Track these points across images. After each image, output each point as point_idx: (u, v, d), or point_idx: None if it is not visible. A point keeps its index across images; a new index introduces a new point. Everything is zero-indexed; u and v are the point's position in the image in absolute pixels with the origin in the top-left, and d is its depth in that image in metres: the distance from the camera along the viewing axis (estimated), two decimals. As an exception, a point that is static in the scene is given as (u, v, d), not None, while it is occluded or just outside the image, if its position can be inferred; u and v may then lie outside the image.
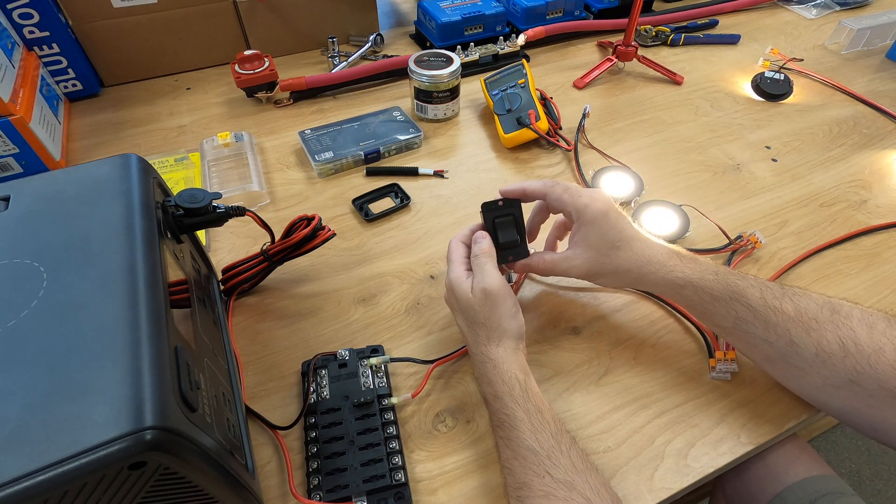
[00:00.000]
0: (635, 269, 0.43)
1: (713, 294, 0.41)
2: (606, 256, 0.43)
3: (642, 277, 0.43)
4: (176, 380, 0.26)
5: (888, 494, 1.11)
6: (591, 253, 0.43)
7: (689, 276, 0.42)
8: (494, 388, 0.39)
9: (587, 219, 0.43)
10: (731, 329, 0.41)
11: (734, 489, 0.54)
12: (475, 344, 0.42)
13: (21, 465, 0.21)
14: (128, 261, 0.29)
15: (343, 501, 0.37)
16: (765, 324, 0.39)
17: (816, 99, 0.79)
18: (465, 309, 0.42)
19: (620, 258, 0.43)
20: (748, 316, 0.40)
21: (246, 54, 0.72)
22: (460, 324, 0.44)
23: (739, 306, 0.40)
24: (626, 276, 0.43)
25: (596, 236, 0.43)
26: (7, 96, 0.58)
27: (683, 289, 0.42)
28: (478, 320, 0.41)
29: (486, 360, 0.41)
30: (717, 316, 0.41)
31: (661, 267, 0.42)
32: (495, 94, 0.72)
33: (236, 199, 0.60)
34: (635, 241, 0.43)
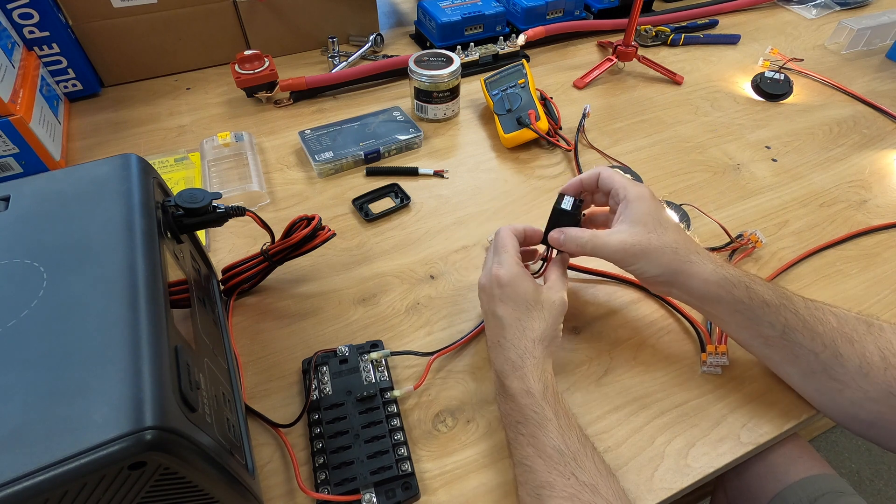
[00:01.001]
0: (683, 253, 0.40)
1: (765, 299, 0.39)
2: (654, 232, 0.41)
3: (689, 266, 0.40)
4: (176, 380, 0.26)
5: (888, 494, 1.11)
6: (637, 227, 0.41)
7: (741, 277, 0.40)
8: (527, 384, 0.38)
9: (634, 195, 0.42)
10: (777, 339, 0.39)
11: (735, 488, 0.54)
12: (520, 337, 0.40)
13: (21, 465, 0.21)
14: (128, 261, 0.29)
15: (351, 494, 0.38)
16: (812, 333, 0.38)
17: (816, 99, 0.79)
18: (525, 304, 0.41)
19: (668, 236, 0.41)
20: (797, 324, 0.38)
21: (246, 54, 0.72)
22: (501, 314, 0.42)
23: (789, 314, 0.39)
24: (673, 257, 0.40)
25: (643, 210, 0.42)
26: (7, 96, 0.58)
27: (735, 288, 0.39)
28: (539, 318, 0.41)
29: (528, 354, 0.40)
30: (765, 324, 0.39)
31: (711, 261, 0.40)
32: (495, 94, 0.72)
33: (236, 199, 0.60)
34: (680, 230, 0.42)
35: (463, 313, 0.51)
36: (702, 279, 0.40)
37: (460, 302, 0.52)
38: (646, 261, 0.41)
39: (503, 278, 0.42)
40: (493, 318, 0.42)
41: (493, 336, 0.42)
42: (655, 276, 0.41)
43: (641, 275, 0.42)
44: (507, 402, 0.40)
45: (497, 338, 0.42)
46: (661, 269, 0.41)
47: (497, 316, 0.42)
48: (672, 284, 0.42)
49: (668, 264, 0.41)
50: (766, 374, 0.46)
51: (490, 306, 0.43)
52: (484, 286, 0.44)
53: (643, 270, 0.42)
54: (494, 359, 0.42)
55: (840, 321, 0.38)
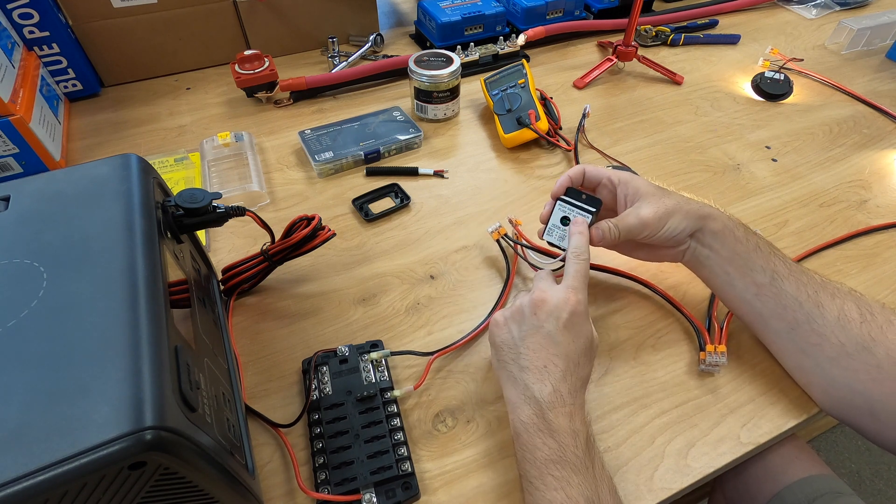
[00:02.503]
0: (693, 203, 0.44)
1: (758, 244, 0.43)
2: (665, 197, 0.44)
3: (701, 210, 0.44)
4: (176, 380, 0.26)
5: (888, 494, 1.11)
6: (650, 198, 0.44)
7: (739, 221, 0.44)
8: (574, 425, 0.36)
9: (626, 177, 0.46)
10: (767, 287, 0.42)
11: (734, 489, 0.54)
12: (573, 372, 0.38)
13: (21, 465, 0.21)
14: (128, 261, 0.29)
15: (351, 493, 0.38)
16: (797, 283, 0.41)
17: (816, 99, 0.79)
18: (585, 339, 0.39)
19: (675, 197, 0.44)
20: (784, 271, 0.42)
21: (246, 54, 0.72)
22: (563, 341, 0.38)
23: (778, 261, 0.42)
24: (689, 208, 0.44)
25: (643, 185, 0.45)
26: (7, 96, 0.58)
27: (737, 228, 0.43)
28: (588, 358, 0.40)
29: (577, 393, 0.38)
30: (757, 269, 0.42)
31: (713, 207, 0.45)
32: (495, 94, 0.72)
33: (236, 199, 0.60)
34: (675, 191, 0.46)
35: (463, 313, 0.51)
36: (713, 219, 0.44)
37: (460, 302, 0.52)
38: (673, 219, 0.44)
39: (578, 307, 0.39)
40: (550, 340, 0.39)
41: (536, 359, 0.38)
42: (682, 230, 0.44)
43: (671, 233, 0.44)
44: (545, 437, 0.36)
45: (543, 362, 0.38)
46: (686, 222, 0.44)
47: (557, 342, 0.38)
48: (692, 235, 0.45)
49: (689, 215, 0.44)
50: (766, 375, 0.46)
51: (550, 326, 0.39)
52: (547, 301, 0.40)
53: (673, 228, 0.44)
54: (534, 384, 0.37)
55: (822, 279, 0.42)
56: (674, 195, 0.45)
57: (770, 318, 0.43)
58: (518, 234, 0.54)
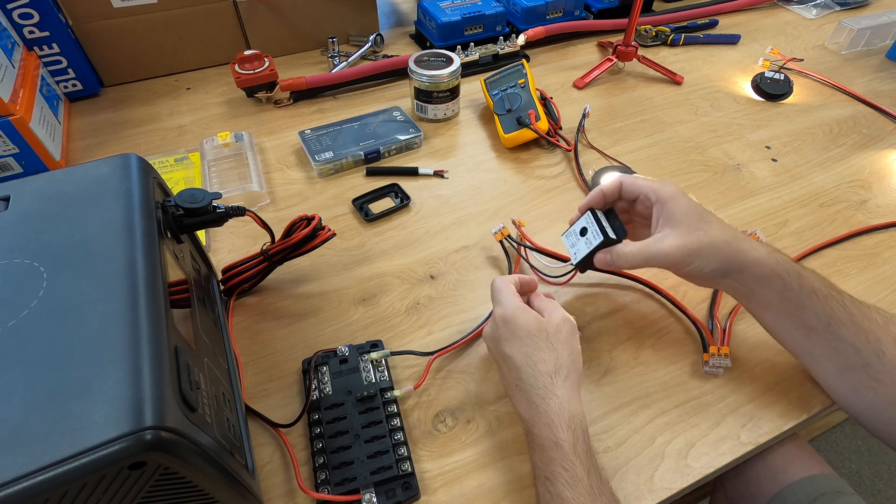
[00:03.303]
0: (734, 242, 0.39)
1: (814, 287, 0.38)
2: (700, 230, 0.40)
3: (743, 253, 0.39)
4: (176, 380, 0.26)
5: (888, 494, 1.11)
6: (681, 228, 0.40)
7: (793, 265, 0.39)
8: (555, 434, 0.35)
9: (667, 195, 0.41)
10: (821, 331, 0.38)
11: (735, 488, 0.54)
12: (533, 373, 0.38)
13: (21, 465, 0.21)
14: (128, 261, 0.29)
15: (351, 493, 0.38)
16: (857, 328, 0.37)
17: (816, 99, 0.79)
18: (529, 335, 0.39)
19: (715, 229, 0.40)
20: (843, 317, 0.38)
21: (246, 54, 0.72)
22: (510, 352, 0.39)
23: (836, 305, 0.38)
24: (727, 250, 0.40)
25: (682, 209, 0.41)
26: (7, 96, 0.58)
27: (788, 274, 0.39)
28: (547, 347, 0.39)
29: (549, 394, 0.37)
30: (811, 314, 0.39)
31: (762, 246, 0.40)
32: (495, 94, 0.72)
33: (236, 199, 0.60)
34: (720, 221, 0.41)
35: (463, 313, 0.51)
36: (757, 264, 0.39)
37: (460, 302, 0.52)
38: (701, 259, 0.40)
39: (506, 315, 0.40)
40: (504, 360, 0.40)
41: (510, 381, 0.39)
42: (712, 270, 0.41)
43: (698, 272, 0.41)
44: (536, 452, 0.36)
45: (514, 381, 0.39)
46: (717, 262, 0.40)
47: (507, 356, 0.39)
48: (726, 275, 0.41)
49: (723, 257, 0.40)
50: (766, 375, 0.46)
51: (498, 349, 0.40)
52: (488, 334, 0.42)
53: (700, 268, 0.41)
54: (517, 406, 0.39)
55: (886, 320, 0.38)
56: (712, 227, 0.40)
57: (820, 358, 0.40)
58: (521, 236, 0.54)
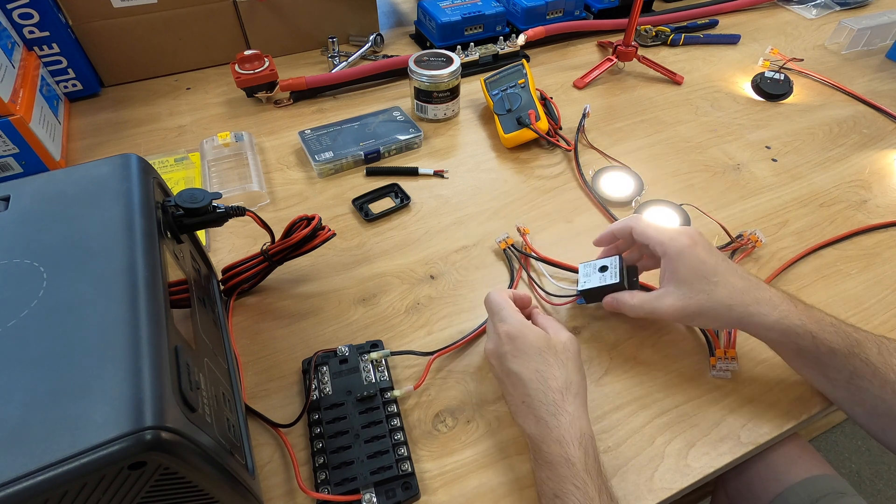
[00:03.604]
0: (740, 307, 0.39)
1: (832, 347, 0.38)
2: (703, 292, 0.40)
3: (749, 318, 0.39)
4: (176, 380, 0.26)
5: (888, 494, 1.11)
6: (684, 289, 0.40)
7: (807, 326, 0.38)
8: (566, 451, 0.35)
9: (673, 251, 0.41)
10: (843, 383, 0.38)
11: (736, 488, 0.54)
12: (544, 390, 0.37)
13: (21, 465, 0.21)
14: (128, 261, 0.29)
15: (351, 493, 0.38)
16: (882, 381, 0.37)
17: (816, 99, 0.79)
18: (538, 351, 0.39)
19: (719, 293, 0.39)
20: (866, 372, 0.37)
21: (246, 54, 0.72)
22: (517, 368, 0.39)
23: (858, 361, 0.37)
24: (729, 315, 0.39)
25: (686, 269, 0.40)
26: (7, 96, 0.58)
27: (801, 338, 0.38)
28: (556, 363, 0.38)
29: (560, 410, 0.36)
30: (831, 369, 0.38)
31: (773, 309, 0.38)
32: (495, 94, 0.72)
33: (236, 199, 0.60)
34: (734, 277, 0.40)
35: (463, 313, 0.51)
36: (766, 330, 0.39)
37: (460, 302, 0.52)
38: (703, 320, 0.41)
39: (511, 332, 0.40)
40: (510, 376, 0.39)
41: (515, 398, 0.39)
42: (719, 327, 0.42)
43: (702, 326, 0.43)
44: (544, 469, 0.36)
45: (521, 398, 0.38)
46: (720, 323, 0.41)
47: (513, 372, 0.39)
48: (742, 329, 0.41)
49: (726, 320, 0.40)
50: (766, 375, 0.46)
51: (503, 366, 0.40)
52: (492, 350, 0.41)
53: (704, 325, 0.43)
54: (523, 423, 0.38)
55: None
56: (717, 290, 0.39)
57: (845, 403, 0.40)
58: (526, 245, 0.55)
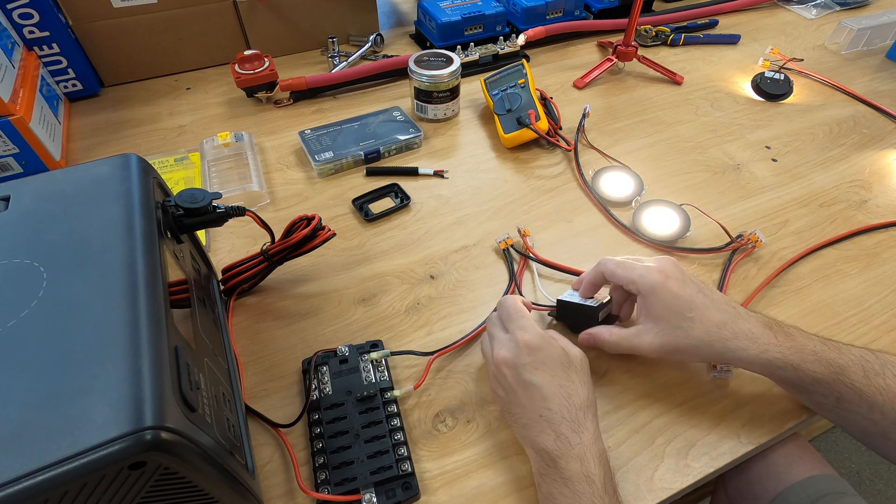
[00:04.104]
0: (718, 343, 0.38)
1: (815, 377, 0.38)
2: (679, 329, 0.39)
3: (728, 353, 0.38)
4: (176, 380, 0.26)
5: (888, 494, 1.11)
6: (660, 326, 0.40)
7: (788, 358, 0.38)
8: (587, 468, 0.34)
9: (646, 288, 0.40)
10: (832, 408, 0.39)
11: (736, 488, 0.54)
12: (567, 406, 0.37)
13: (21, 465, 0.21)
14: (128, 261, 0.29)
15: (351, 493, 0.38)
16: (869, 405, 0.37)
17: (816, 99, 0.79)
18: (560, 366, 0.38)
19: (696, 329, 0.39)
20: (852, 396, 0.37)
21: (246, 54, 0.72)
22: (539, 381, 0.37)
23: (843, 387, 0.37)
24: (709, 351, 0.39)
25: (661, 306, 0.40)
26: (7, 96, 0.58)
27: (782, 370, 0.38)
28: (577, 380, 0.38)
29: (582, 428, 0.36)
30: (818, 395, 0.38)
31: (752, 343, 0.38)
32: (495, 94, 0.72)
33: (236, 199, 0.60)
34: (711, 310, 0.39)
35: (463, 313, 0.51)
36: (746, 363, 0.39)
37: (460, 302, 0.52)
38: (683, 355, 0.40)
39: (533, 342, 0.39)
40: (528, 388, 0.38)
41: (531, 411, 0.37)
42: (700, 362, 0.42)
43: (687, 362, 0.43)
44: (559, 485, 0.35)
45: (538, 412, 0.37)
46: (701, 358, 0.41)
47: (534, 385, 0.37)
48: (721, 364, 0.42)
49: (706, 356, 0.40)
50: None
51: (520, 377, 0.38)
52: (508, 359, 0.39)
53: (687, 360, 0.43)
54: (538, 437, 0.37)
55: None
56: (695, 326, 0.39)
57: (837, 422, 0.40)
58: (526, 247, 0.55)
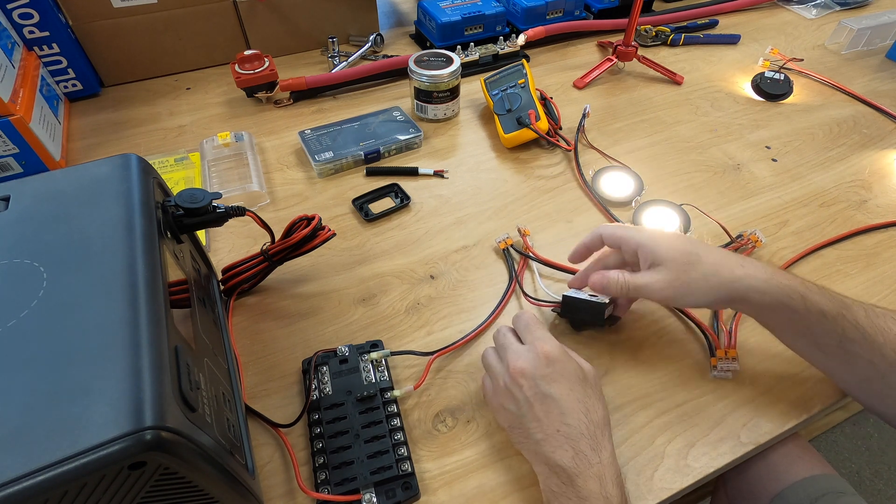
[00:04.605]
0: (727, 273, 0.38)
1: (822, 309, 0.37)
2: (688, 264, 0.39)
3: (738, 282, 0.38)
4: (176, 380, 0.26)
5: (888, 494, 1.11)
6: (668, 265, 0.40)
7: (796, 287, 0.38)
8: (606, 489, 0.34)
9: (647, 238, 0.41)
10: (834, 348, 0.38)
11: (736, 488, 0.54)
12: (585, 422, 0.36)
13: (21, 465, 0.21)
14: (128, 261, 0.29)
15: (351, 493, 0.38)
16: (871, 344, 0.37)
17: (816, 99, 0.79)
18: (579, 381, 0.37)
19: (704, 262, 0.39)
20: (855, 335, 0.37)
21: (246, 54, 0.72)
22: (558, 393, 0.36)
23: (847, 324, 0.37)
24: (719, 281, 0.39)
25: (665, 248, 0.40)
26: (7, 96, 0.58)
27: (791, 300, 0.38)
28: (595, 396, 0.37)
29: (600, 447, 0.35)
30: (821, 334, 0.38)
31: (762, 271, 0.38)
32: (495, 94, 0.72)
33: (236, 199, 0.60)
34: (714, 250, 0.40)
35: (463, 313, 0.51)
36: (757, 293, 0.38)
37: (460, 302, 0.52)
38: (692, 295, 0.40)
39: (553, 353, 0.38)
40: (545, 401, 0.37)
41: (547, 425, 0.36)
42: (710, 303, 0.40)
43: (694, 305, 0.41)
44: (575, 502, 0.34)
45: (554, 426, 0.36)
46: (710, 297, 0.40)
47: (552, 397, 0.37)
48: (728, 304, 0.41)
49: (716, 291, 0.39)
50: (766, 374, 0.46)
51: (539, 389, 0.37)
52: (525, 370, 0.38)
53: (694, 303, 0.41)
54: (553, 452, 0.35)
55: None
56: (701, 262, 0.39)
57: (837, 371, 0.40)
58: (526, 246, 0.55)
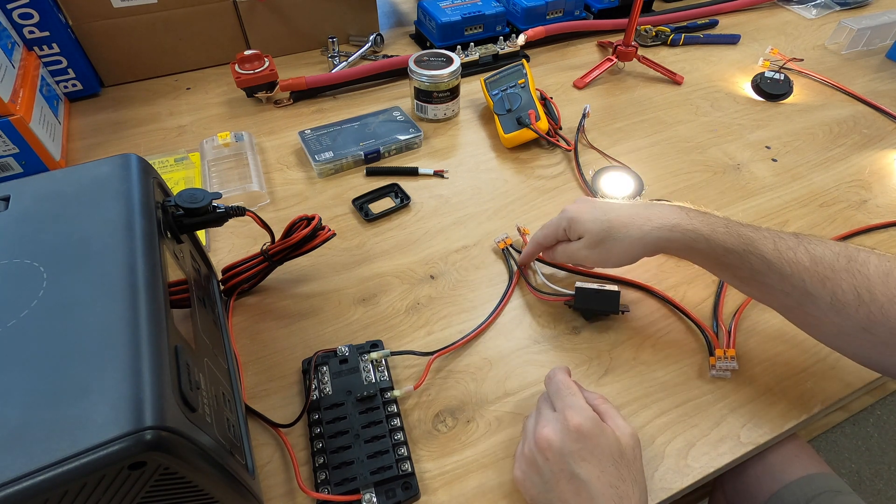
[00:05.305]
0: (636, 231, 0.43)
1: (726, 247, 0.40)
2: (603, 232, 0.44)
3: (646, 236, 0.42)
4: (176, 380, 0.26)
5: (888, 494, 1.11)
6: (589, 238, 0.45)
7: (699, 230, 0.41)
8: None
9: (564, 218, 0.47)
10: (749, 279, 0.41)
11: (734, 488, 0.54)
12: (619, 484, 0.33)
13: (21, 465, 0.21)
14: (128, 261, 0.29)
15: (351, 493, 0.38)
16: (780, 275, 0.39)
17: (816, 99, 0.79)
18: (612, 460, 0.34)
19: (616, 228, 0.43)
20: (763, 268, 0.39)
21: (246, 54, 0.72)
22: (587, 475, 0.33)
23: (754, 258, 0.40)
24: (629, 242, 0.43)
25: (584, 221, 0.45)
26: (7, 96, 0.58)
27: (696, 242, 0.41)
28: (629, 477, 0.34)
29: None
30: (733, 268, 0.41)
31: (666, 221, 0.42)
32: (495, 94, 0.72)
33: (236, 199, 0.60)
34: (624, 209, 0.44)
35: (463, 313, 0.51)
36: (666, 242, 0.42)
37: (460, 302, 0.52)
38: (613, 258, 0.44)
39: (584, 427, 0.35)
40: (574, 482, 0.33)
41: None
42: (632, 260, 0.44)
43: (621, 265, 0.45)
44: None
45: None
46: (629, 255, 0.44)
47: (581, 479, 0.33)
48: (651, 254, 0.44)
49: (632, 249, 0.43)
50: (766, 375, 0.46)
51: (567, 467, 0.34)
52: (552, 442, 0.35)
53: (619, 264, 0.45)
54: None
55: (814, 261, 0.38)
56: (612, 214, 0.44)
57: (763, 299, 0.43)
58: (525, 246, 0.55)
